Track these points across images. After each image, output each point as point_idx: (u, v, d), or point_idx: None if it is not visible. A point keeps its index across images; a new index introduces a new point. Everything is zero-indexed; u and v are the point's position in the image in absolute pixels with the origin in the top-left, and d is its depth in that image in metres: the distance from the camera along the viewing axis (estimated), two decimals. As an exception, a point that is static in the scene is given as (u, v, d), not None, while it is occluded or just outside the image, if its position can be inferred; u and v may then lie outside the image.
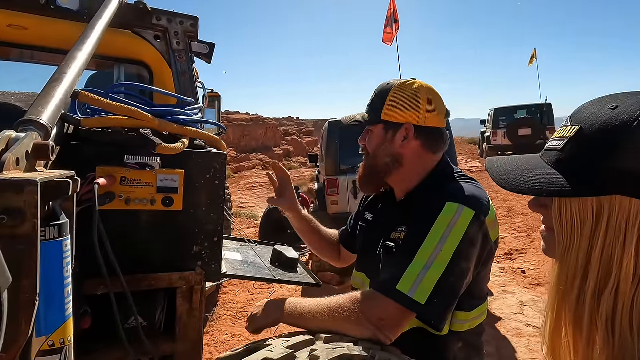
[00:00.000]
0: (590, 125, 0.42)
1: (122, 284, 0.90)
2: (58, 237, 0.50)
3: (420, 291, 0.72)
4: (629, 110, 0.39)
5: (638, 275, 0.39)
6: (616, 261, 0.39)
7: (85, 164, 0.94)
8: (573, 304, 0.43)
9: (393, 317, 0.73)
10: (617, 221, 0.39)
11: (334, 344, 0.64)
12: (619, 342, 0.39)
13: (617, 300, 0.39)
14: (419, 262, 0.74)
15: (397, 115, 0.94)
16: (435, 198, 0.85)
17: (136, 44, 1.54)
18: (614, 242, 0.40)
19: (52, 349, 0.49)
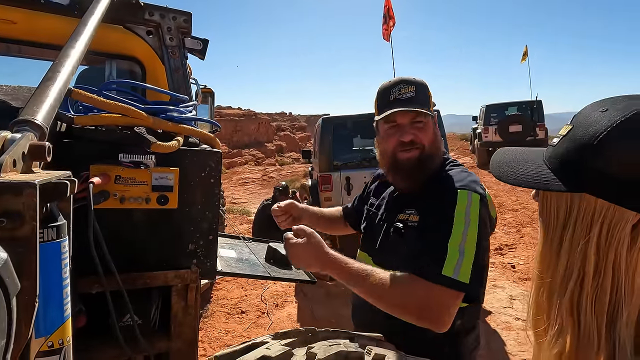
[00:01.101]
0: (579, 125, 0.44)
1: (117, 283, 0.90)
2: (56, 239, 0.50)
3: (462, 273, 0.82)
4: (613, 115, 0.41)
5: (598, 272, 0.41)
6: (580, 256, 0.42)
7: (79, 162, 0.93)
8: (547, 290, 0.46)
9: (441, 299, 0.81)
10: (584, 218, 0.42)
11: (330, 341, 0.65)
12: (584, 329, 0.42)
13: (582, 292, 0.42)
14: (453, 249, 0.84)
15: (431, 107, 1.06)
16: (445, 187, 0.96)
17: (128, 39, 1.52)
18: (580, 237, 0.42)
19: (51, 350, 0.49)
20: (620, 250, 0.40)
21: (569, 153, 0.43)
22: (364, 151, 4.36)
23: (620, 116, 0.40)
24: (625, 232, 0.40)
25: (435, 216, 0.92)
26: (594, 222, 0.41)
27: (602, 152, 0.40)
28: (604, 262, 0.41)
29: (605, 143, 0.40)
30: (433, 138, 1.03)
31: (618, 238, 0.40)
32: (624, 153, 0.39)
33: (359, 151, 4.38)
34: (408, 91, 1.02)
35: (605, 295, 0.41)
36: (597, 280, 0.41)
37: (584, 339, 0.41)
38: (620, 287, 0.40)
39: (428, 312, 0.81)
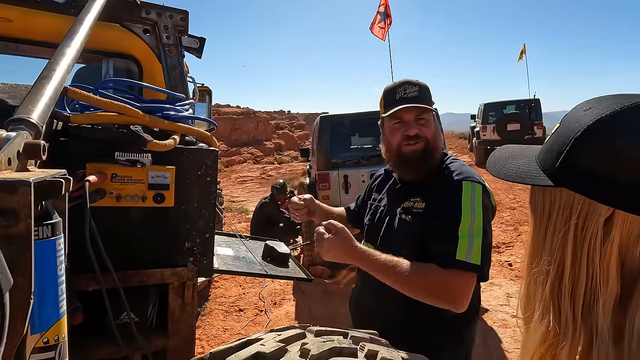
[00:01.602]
0: (565, 123, 0.46)
1: (113, 280, 0.91)
2: (51, 236, 0.50)
3: (474, 256, 0.91)
4: (593, 113, 0.42)
5: (575, 263, 0.43)
6: (560, 247, 0.44)
7: (75, 160, 0.93)
8: (534, 280, 0.48)
9: (465, 283, 0.91)
10: (564, 212, 0.44)
11: (324, 337, 0.66)
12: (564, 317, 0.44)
13: (561, 282, 0.44)
14: (463, 236, 0.93)
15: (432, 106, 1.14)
16: (448, 177, 1.05)
17: (125, 37, 1.52)
18: (560, 229, 0.44)
19: (46, 346, 0.49)
20: (594, 242, 0.42)
21: (552, 150, 0.45)
22: (362, 149, 4.36)
23: (599, 115, 0.42)
24: (599, 226, 0.42)
25: (443, 205, 1.00)
26: (572, 216, 0.43)
27: (579, 149, 0.42)
28: (580, 254, 0.43)
29: (582, 140, 0.42)
30: (435, 133, 1.12)
31: (592, 231, 0.42)
32: (597, 150, 0.41)
33: (357, 149, 4.38)
34: (412, 91, 1.11)
35: (582, 285, 0.43)
36: (575, 270, 0.43)
37: (563, 325, 0.43)
38: (595, 277, 0.42)
39: (448, 294, 0.91)
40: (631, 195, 0.39)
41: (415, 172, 1.13)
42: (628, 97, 0.43)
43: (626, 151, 0.40)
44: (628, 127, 0.40)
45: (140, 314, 1.17)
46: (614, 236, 0.42)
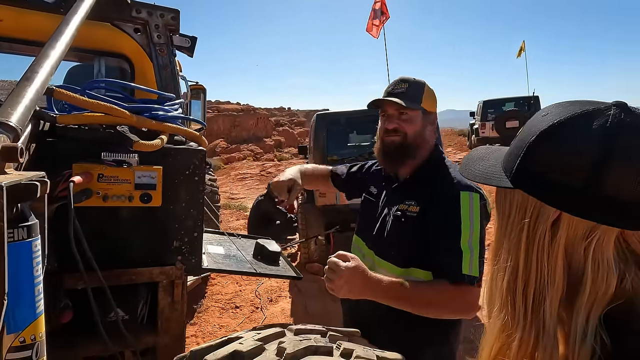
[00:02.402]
0: (526, 128, 0.48)
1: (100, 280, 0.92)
2: (27, 238, 0.51)
3: (474, 268, 0.96)
4: (548, 119, 0.44)
5: (527, 261, 0.45)
6: (515, 245, 0.46)
7: (62, 160, 0.94)
8: (494, 275, 0.50)
9: (474, 297, 0.96)
10: (519, 212, 0.46)
11: (302, 336, 0.67)
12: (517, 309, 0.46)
13: (517, 277, 0.46)
14: (464, 248, 0.97)
15: (430, 105, 1.15)
16: (445, 186, 1.06)
17: (116, 36, 1.52)
18: (516, 228, 0.46)
19: (23, 345, 0.50)
20: (543, 242, 0.44)
21: (512, 153, 0.47)
22: (359, 147, 4.36)
23: (551, 122, 0.43)
24: (547, 226, 0.44)
25: (441, 216, 1.02)
26: (525, 216, 0.45)
27: (532, 154, 0.44)
28: (531, 252, 0.45)
29: (535, 145, 0.44)
30: (417, 130, 1.13)
31: (541, 231, 0.44)
32: (548, 155, 0.43)
33: (354, 147, 4.38)
34: (401, 87, 1.14)
35: (532, 282, 0.45)
36: (527, 267, 0.45)
37: (515, 319, 0.46)
38: (543, 275, 0.44)
39: (463, 308, 0.97)
40: (575, 199, 0.41)
41: (393, 164, 1.16)
42: (583, 103, 0.44)
43: (572, 157, 0.41)
44: (574, 134, 0.42)
45: (130, 312, 1.18)
46: (560, 237, 0.43)
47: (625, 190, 0.39)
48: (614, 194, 0.39)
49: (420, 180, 1.14)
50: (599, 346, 0.40)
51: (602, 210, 0.40)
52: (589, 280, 0.42)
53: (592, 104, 0.43)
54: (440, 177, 1.10)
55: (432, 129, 1.16)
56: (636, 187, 0.38)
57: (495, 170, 0.49)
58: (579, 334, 0.41)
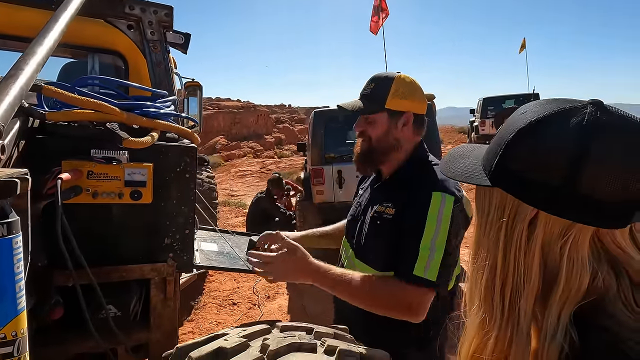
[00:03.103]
0: (505, 126, 0.47)
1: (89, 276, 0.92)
2: (7, 235, 0.51)
3: (431, 271, 0.91)
4: (526, 117, 0.44)
5: (505, 258, 0.45)
6: (493, 244, 0.46)
7: (51, 157, 0.94)
8: (474, 272, 0.50)
9: (420, 299, 0.91)
10: (497, 211, 0.46)
11: (286, 333, 0.68)
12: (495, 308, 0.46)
13: (495, 275, 0.46)
14: (424, 249, 0.92)
15: (400, 104, 1.06)
16: (421, 187, 1.01)
17: (109, 33, 1.52)
18: (495, 227, 0.46)
19: (3, 342, 0.51)
20: (520, 240, 0.44)
21: (491, 151, 0.47)
22: (357, 145, 4.35)
23: (529, 120, 0.43)
24: (524, 225, 0.44)
25: (410, 216, 0.98)
26: (504, 215, 0.45)
27: (510, 152, 0.44)
28: (508, 250, 0.45)
29: (513, 143, 0.43)
30: (381, 133, 1.07)
31: (519, 230, 0.44)
32: (525, 154, 0.43)
33: (352, 144, 4.37)
34: (368, 88, 1.08)
35: (509, 280, 0.45)
36: (505, 266, 0.45)
37: (492, 317, 0.46)
38: (520, 274, 0.44)
39: (405, 308, 0.92)
40: (552, 198, 0.41)
41: (362, 168, 1.14)
42: (560, 102, 0.43)
43: (548, 155, 0.41)
44: (551, 132, 0.41)
45: (123, 309, 1.19)
46: (537, 235, 0.43)
47: (600, 189, 0.39)
48: (590, 193, 0.39)
49: (400, 180, 1.09)
50: (568, 344, 0.40)
51: (578, 209, 0.40)
52: (563, 279, 0.42)
53: (569, 102, 0.43)
54: (420, 177, 1.05)
55: (408, 128, 1.07)
56: (610, 186, 0.38)
57: (474, 168, 0.49)
58: (549, 331, 0.41)
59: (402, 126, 1.07)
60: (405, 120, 1.07)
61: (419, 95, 1.09)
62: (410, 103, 1.07)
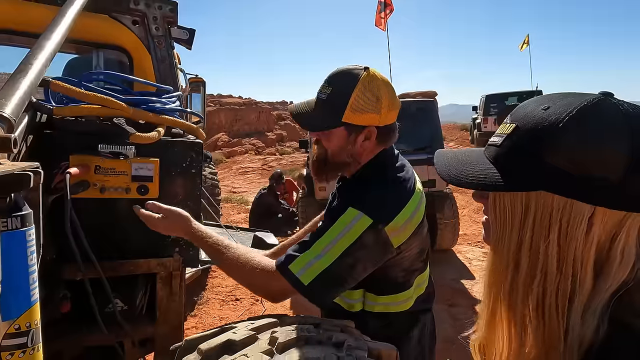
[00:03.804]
0: (524, 124, 0.44)
1: (98, 271, 0.93)
2: (21, 227, 0.52)
3: (306, 274, 0.82)
4: (558, 112, 0.41)
5: (560, 265, 0.42)
6: (542, 252, 0.43)
7: (59, 152, 0.95)
8: (507, 291, 0.46)
9: (281, 289, 0.85)
10: (542, 215, 0.42)
11: (294, 327, 0.68)
12: (548, 324, 0.43)
13: (546, 286, 0.43)
14: (313, 251, 0.84)
15: (360, 118, 0.90)
16: (348, 195, 0.91)
17: (114, 28, 1.52)
18: (539, 234, 0.43)
19: (18, 332, 0.51)
20: (579, 245, 0.41)
21: (521, 152, 0.43)
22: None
23: (567, 112, 0.41)
24: (583, 227, 0.41)
25: (325, 217, 0.92)
26: (552, 221, 0.42)
27: (556, 149, 0.41)
28: (565, 258, 0.42)
29: (557, 140, 0.41)
30: (337, 148, 0.94)
31: (578, 233, 0.41)
32: (577, 148, 0.40)
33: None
34: (324, 91, 0.92)
35: (567, 292, 0.42)
36: (560, 274, 0.42)
37: (549, 335, 0.43)
38: (576, 280, 0.42)
39: (267, 292, 0.89)
40: (614, 193, 0.39)
41: (314, 175, 1.03)
42: (577, 95, 0.43)
43: (602, 149, 0.39)
44: (598, 122, 0.40)
45: (129, 303, 1.20)
46: (594, 233, 0.41)
47: None
48: None
49: (348, 185, 1.00)
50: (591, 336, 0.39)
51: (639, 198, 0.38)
52: (613, 271, 0.40)
53: (585, 95, 0.42)
54: (357, 184, 0.95)
55: (370, 142, 0.93)
56: None
57: (490, 172, 0.46)
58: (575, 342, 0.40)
59: (363, 141, 0.93)
60: (368, 135, 0.92)
61: (387, 102, 0.91)
62: (374, 116, 0.90)
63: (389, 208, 0.87)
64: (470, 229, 5.19)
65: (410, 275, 0.98)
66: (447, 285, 3.60)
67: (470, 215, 5.82)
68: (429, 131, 4.02)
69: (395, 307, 0.97)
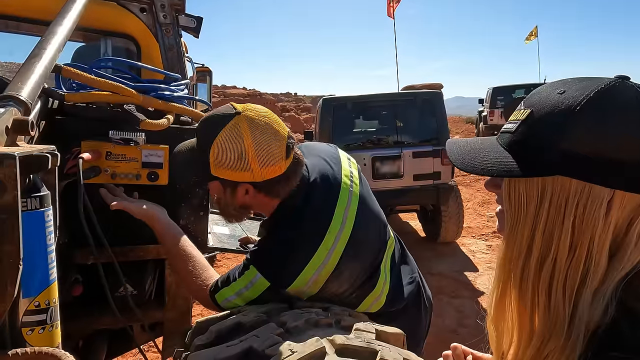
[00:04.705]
0: (539, 108, 0.43)
1: (110, 255, 0.95)
2: (40, 208, 0.53)
3: (227, 306, 0.87)
4: (574, 96, 0.41)
5: (572, 250, 0.42)
6: (555, 237, 0.43)
7: (71, 138, 0.96)
8: (518, 278, 0.46)
9: (211, 308, 0.92)
10: (558, 200, 0.42)
11: (303, 310, 0.69)
12: (554, 308, 0.43)
13: (554, 271, 0.43)
14: (231, 289, 0.87)
15: (229, 174, 0.84)
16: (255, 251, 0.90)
17: (122, 16, 1.52)
18: (554, 219, 0.42)
19: (37, 309, 0.53)
20: (596, 228, 0.41)
21: (537, 137, 0.43)
22: (366, 133, 4.35)
23: (584, 96, 0.41)
24: (602, 211, 0.41)
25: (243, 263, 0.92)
26: (568, 204, 0.42)
27: (574, 133, 0.40)
28: (579, 242, 0.42)
29: (575, 124, 0.40)
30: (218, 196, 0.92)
31: (595, 217, 0.41)
32: (596, 132, 0.40)
33: (361, 133, 4.36)
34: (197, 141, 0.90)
35: (576, 278, 0.42)
36: (571, 259, 0.42)
37: (554, 321, 0.43)
38: (590, 263, 0.42)
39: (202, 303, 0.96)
40: (633, 176, 0.39)
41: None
42: (591, 79, 0.42)
43: (619, 133, 0.39)
44: (616, 105, 0.40)
45: (139, 288, 1.22)
46: (612, 217, 0.41)
47: None
48: None
49: (265, 229, 1.00)
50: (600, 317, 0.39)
51: None
52: (628, 254, 0.40)
53: (601, 79, 0.42)
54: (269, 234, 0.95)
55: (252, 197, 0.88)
56: None
57: (505, 160, 0.45)
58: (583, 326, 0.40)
59: (244, 194, 0.88)
60: (246, 189, 0.86)
61: (257, 158, 0.81)
62: (243, 174, 0.82)
63: (289, 272, 0.83)
64: (475, 222, 5.18)
65: (356, 299, 0.93)
66: (450, 277, 3.61)
67: (474, 208, 5.81)
68: (434, 123, 3.99)
69: None
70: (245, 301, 0.85)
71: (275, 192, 0.88)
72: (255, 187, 0.85)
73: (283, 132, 0.86)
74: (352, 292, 0.91)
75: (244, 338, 0.60)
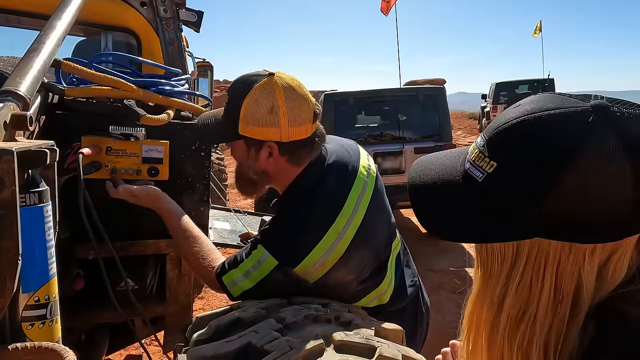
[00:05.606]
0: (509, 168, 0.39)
1: (110, 250, 0.95)
2: (38, 203, 0.53)
3: (234, 289, 0.88)
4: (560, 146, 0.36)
5: (554, 306, 0.40)
6: (534, 294, 0.40)
7: (71, 133, 0.96)
8: (488, 332, 0.44)
9: (217, 288, 0.92)
10: (537, 259, 0.40)
11: (302, 306, 0.69)
12: None
13: (534, 329, 0.40)
14: (240, 270, 0.88)
15: (256, 132, 0.84)
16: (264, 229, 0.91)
17: (122, 10, 1.51)
18: (533, 277, 0.40)
19: (37, 304, 0.53)
20: (581, 273, 0.39)
21: (509, 197, 0.39)
22: (368, 128, 4.33)
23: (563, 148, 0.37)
24: (586, 264, 0.38)
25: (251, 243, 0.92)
26: (547, 264, 0.39)
27: (550, 195, 0.36)
28: (560, 298, 0.40)
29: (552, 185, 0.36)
30: (239, 160, 0.93)
31: (577, 272, 0.39)
32: (574, 196, 0.36)
33: (363, 128, 4.35)
34: (225, 100, 0.90)
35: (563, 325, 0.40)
36: (551, 317, 0.40)
37: None
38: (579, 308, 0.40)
39: (207, 284, 0.97)
40: (621, 227, 0.37)
41: (238, 189, 1.06)
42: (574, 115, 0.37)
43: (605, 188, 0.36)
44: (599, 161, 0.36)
45: (140, 283, 1.23)
46: (596, 259, 0.39)
47: None
48: None
49: (276, 208, 0.98)
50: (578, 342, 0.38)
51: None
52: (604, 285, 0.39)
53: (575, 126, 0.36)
54: (280, 213, 0.93)
55: (275, 160, 0.87)
56: None
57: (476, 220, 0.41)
58: None
59: (267, 157, 0.87)
60: (270, 151, 0.86)
61: (287, 114, 0.82)
62: (270, 130, 0.83)
63: (297, 251, 0.83)
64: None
65: (362, 292, 0.93)
66: (452, 273, 3.62)
67: (476, 205, 5.80)
68: (437, 119, 3.97)
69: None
70: (252, 283, 0.84)
71: (297, 157, 0.88)
72: (280, 148, 0.86)
73: (311, 98, 0.89)
74: (358, 285, 0.90)
75: (243, 334, 0.60)
